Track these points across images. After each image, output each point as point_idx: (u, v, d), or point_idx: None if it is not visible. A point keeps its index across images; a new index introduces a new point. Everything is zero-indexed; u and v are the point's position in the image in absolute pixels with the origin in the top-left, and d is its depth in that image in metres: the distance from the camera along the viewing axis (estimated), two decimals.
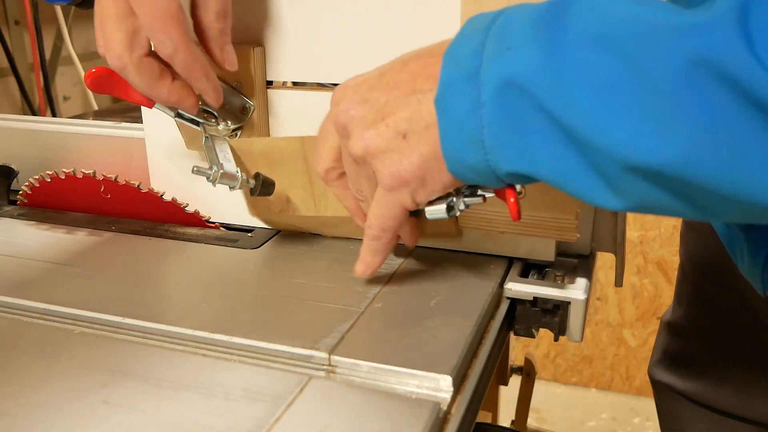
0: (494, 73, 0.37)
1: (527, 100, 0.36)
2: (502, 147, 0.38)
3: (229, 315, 0.51)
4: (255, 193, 0.58)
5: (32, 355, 0.47)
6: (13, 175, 0.76)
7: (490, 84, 0.37)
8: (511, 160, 0.39)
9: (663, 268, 1.78)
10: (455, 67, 0.39)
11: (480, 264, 0.59)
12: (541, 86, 0.36)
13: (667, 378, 0.75)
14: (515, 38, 0.37)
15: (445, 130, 0.40)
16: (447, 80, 0.39)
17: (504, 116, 0.37)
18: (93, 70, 0.53)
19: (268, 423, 0.39)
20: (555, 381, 1.98)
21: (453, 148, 0.40)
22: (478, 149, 0.39)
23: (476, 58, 0.38)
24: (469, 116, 0.38)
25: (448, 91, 0.39)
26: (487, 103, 0.38)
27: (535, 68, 0.36)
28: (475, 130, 0.39)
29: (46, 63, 1.47)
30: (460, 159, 0.40)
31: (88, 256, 0.61)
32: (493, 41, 0.38)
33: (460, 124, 0.39)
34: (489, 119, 0.38)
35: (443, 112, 0.40)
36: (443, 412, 0.41)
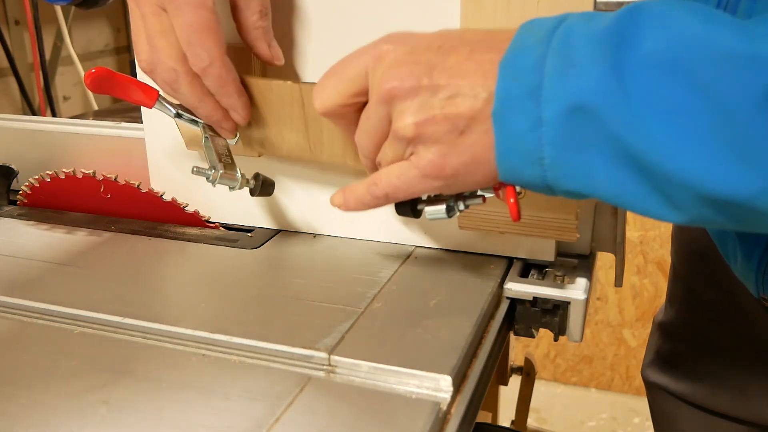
0: (558, 93, 0.36)
1: (592, 122, 0.35)
2: (563, 166, 0.38)
3: (229, 315, 0.51)
4: (255, 194, 0.58)
5: (32, 355, 0.47)
6: (13, 175, 0.76)
7: (552, 103, 0.36)
8: (570, 180, 0.38)
9: (663, 268, 1.78)
10: (514, 81, 0.38)
11: (480, 264, 0.59)
12: (607, 109, 0.35)
13: (660, 379, 0.75)
14: (579, 56, 0.36)
15: (502, 144, 0.39)
16: (506, 94, 0.38)
17: (566, 137, 0.37)
18: (93, 70, 0.53)
19: (268, 423, 0.39)
20: (555, 381, 1.98)
21: (509, 162, 0.39)
22: (536, 166, 0.38)
23: (537, 72, 0.37)
24: (529, 134, 0.37)
25: (506, 106, 0.38)
26: (549, 122, 0.37)
27: (602, 90, 0.35)
28: (535, 149, 0.38)
29: (46, 63, 1.47)
30: (515, 173, 0.39)
31: (88, 256, 0.61)
32: (555, 56, 0.36)
33: (518, 140, 0.38)
34: (550, 139, 0.37)
35: (501, 126, 0.38)
36: (443, 412, 0.41)
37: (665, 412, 0.76)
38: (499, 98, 0.38)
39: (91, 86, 0.53)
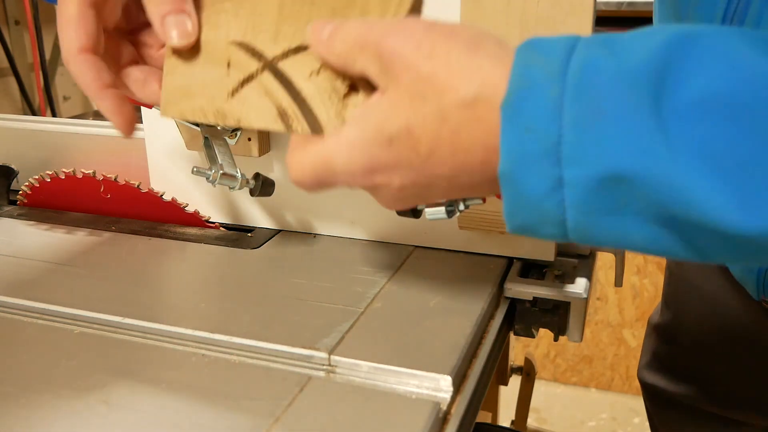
0: (586, 153, 0.30)
1: (631, 190, 0.30)
2: (591, 229, 0.32)
3: (229, 315, 0.51)
4: (255, 194, 0.58)
5: (32, 355, 0.47)
6: (13, 175, 0.76)
7: (580, 166, 0.30)
8: (599, 240, 0.33)
9: (663, 268, 1.78)
10: (527, 133, 0.31)
11: (480, 264, 0.59)
12: (648, 174, 0.29)
13: (657, 381, 0.74)
14: (609, 100, 0.29)
15: (513, 207, 0.33)
16: (517, 153, 0.31)
17: (597, 202, 0.31)
18: None
19: (268, 423, 0.39)
20: (555, 381, 1.98)
21: (522, 223, 0.34)
22: (557, 227, 0.33)
23: (554, 122, 0.30)
24: (549, 196, 0.31)
25: (519, 168, 0.31)
26: (572, 185, 0.31)
27: (646, 151, 0.28)
28: (556, 211, 0.32)
29: (46, 63, 1.47)
30: (530, 231, 0.34)
31: (88, 256, 0.61)
32: (574, 101, 0.30)
33: (536, 203, 0.32)
34: (576, 203, 0.31)
35: (512, 188, 0.32)
36: (443, 412, 0.41)
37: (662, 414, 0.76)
38: (508, 156, 0.32)
39: None
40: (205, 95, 0.44)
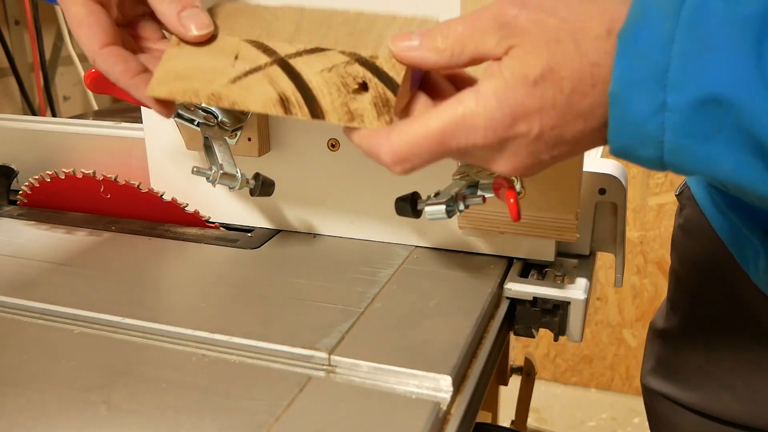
0: (688, 79, 0.33)
1: (724, 114, 0.33)
2: (685, 153, 0.35)
3: (229, 315, 0.51)
4: (255, 194, 0.58)
5: (32, 355, 0.47)
6: (13, 175, 0.76)
7: (681, 90, 0.33)
8: (690, 165, 0.36)
9: (663, 268, 1.78)
10: (637, 60, 0.34)
11: (480, 264, 0.59)
12: (744, 102, 0.32)
13: (664, 387, 0.74)
14: (717, 38, 0.32)
15: (617, 125, 0.36)
16: (627, 75, 0.35)
17: (693, 125, 0.34)
18: (93, 70, 0.53)
19: (268, 423, 0.39)
20: (555, 381, 1.98)
21: (623, 143, 0.37)
22: (654, 149, 0.36)
23: (664, 52, 0.33)
24: (651, 118, 0.35)
25: (627, 89, 0.35)
26: (674, 109, 0.34)
27: (742, 81, 0.32)
28: (656, 133, 0.35)
29: (46, 63, 1.47)
30: (628, 152, 0.37)
31: (88, 256, 0.61)
32: (686, 34, 0.33)
33: (638, 124, 0.35)
34: (674, 125, 0.34)
35: (619, 109, 0.36)
36: (443, 412, 0.41)
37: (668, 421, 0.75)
38: (619, 78, 0.35)
39: (91, 86, 0.53)
40: (202, 79, 0.44)
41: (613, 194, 0.58)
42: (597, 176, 0.58)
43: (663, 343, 0.75)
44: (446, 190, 0.49)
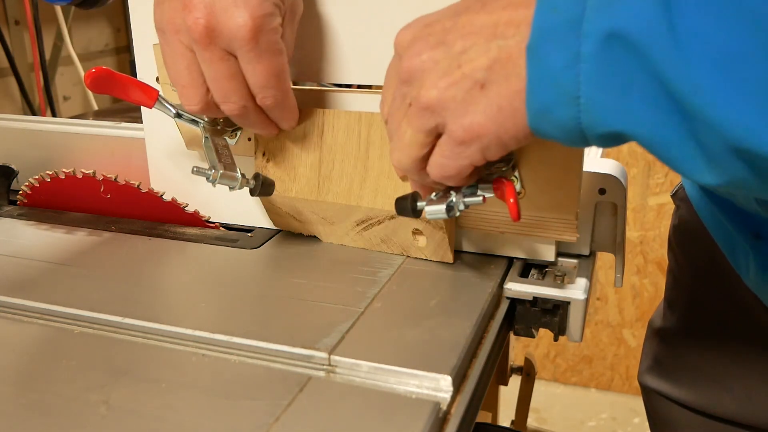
0: (601, 25, 0.33)
1: (635, 58, 0.33)
2: (600, 106, 0.35)
3: (229, 315, 0.51)
4: (255, 194, 0.58)
5: (32, 355, 0.47)
6: (13, 175, 0.76)
7: (594, 36, 0.34)
8: (607, 121, 0.35)
9: (663, 268, 1.78)
10: (553, 12, 0.35)
11: (480, 264, 0.59)
12: (653, 45, 0.32)
13: (661, 386, 0.74)
14: None
15: (535, 82, 0.36)
16: (543, 26, 0.35)
17: (606, 73, 0.34)
18: (93, 70, 0.53)
19: (268, 423, 0.39)
20: (555, 381, 1.98)
21: (541, 102, 0.37)
22: (571, 106, 0.36)
23: (579, 3, 0.34)
24: (566, 70, 0.35)
25: (543, 40, 0.35)
26: (589, 57, 0.34)
27: (647, 23, 0.32)
28: (572, 86, 0.35)
29: (46, 63, 1.47)
30: (547, 114, 0.37)
31: (88, 256, 0.61)
32: None
33: (554, 77, 0.35)
34: (589, 76, 0.34)
35: (536, 62, 0.36)
36: (443, 412, 0.41)
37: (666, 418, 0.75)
38: (536, 30, 0.36)
39: (91, 86, 0.53)
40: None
41: (613, 194, 0.58)
42: (597, 176, 0.58)
43: (660, 341, 0.75)
44: (446, 189, 0.49)
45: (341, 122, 0.58)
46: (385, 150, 0.56)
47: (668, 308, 0.75)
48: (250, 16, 0.48)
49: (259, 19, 0.48)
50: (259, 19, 0.48)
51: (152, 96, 0.55)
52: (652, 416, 0.78)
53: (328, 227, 0.62)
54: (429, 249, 0.59)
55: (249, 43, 0.49)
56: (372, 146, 0.57)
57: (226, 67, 0.50)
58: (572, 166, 0.52)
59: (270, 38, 0.50)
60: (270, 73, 0.51)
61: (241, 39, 0.48)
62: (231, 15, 0.48)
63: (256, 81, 0.51)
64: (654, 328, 0.77)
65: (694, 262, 0.71)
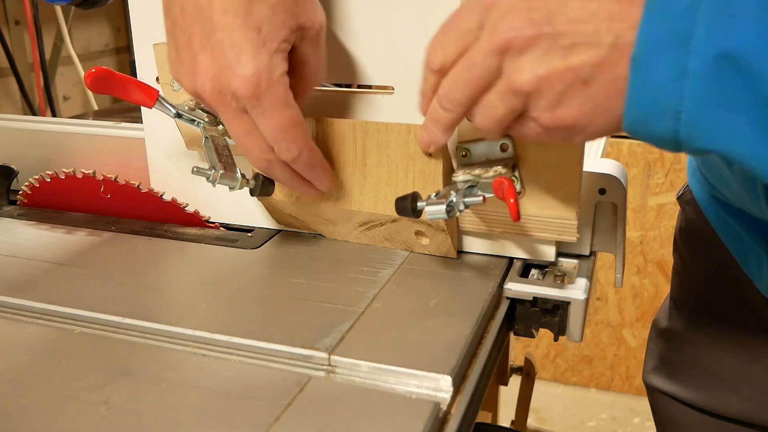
0: (712, 44, 0.33)
1: (745, 79, 0.33)
2: (702, 123, 0.35)
3: (229, 315, 0.51)
4: (255, 194, 0.58)
5: (32, 355, 0.47)
6: (13, 175, 0.76)
7: (704, 55, 0.33)
8: (705, 138, 0.35)
9: (663, 268, 1.78)
10: (662, 24, 0.34)
11: (480, 264, 0.59)
12: (763, 66, 0.32)
13: (668, 386, 0.74)
14: (742, 4, 0.33)
15: (636, 92, 0.36)
16: (651, 39, 0.35)
17: (713, 91, 0.34)
18: (93, 70, 0.53)
19: (268, 423, 0.39)
20: (555, 381, 1.98)
21: (642, 112, 0.36)
22: (671, 120, 0.35)
23: (689, 18, 0.34)
24: (671, 85, 0.35)
25: (650, 52, 0.35)
26: (696, 75, 0.34)
27: (761, 44, 0.32)
28: (675, 101, 0.35)
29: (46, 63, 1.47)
30: (644, 124, 0.37)
31: (88, 256, 0.61)
32: (711, 2, 0.33)
33: (657, 90, 0.35)
34: (694, 92, 0.34)
35: (640, 73, 0.36)
36: (443, 412, 0.41)
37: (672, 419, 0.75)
38: (643, 42, 0.35)
39: (91, 86, 0.53)
40: None
41: (613, 194, 0.58)
42: (597, 176, 0.58)
43: (666, 342, 0.75)
44: (446, 190, 0.49)
45: (334, 130, 0.58)
46: (383, 158, 0.56)
47: (675, 309, 0.75)
48: (248, 74, 0.46)
49: (255, 76, 0.46)
50: (255, 76, 0.46)
51: (152, 96, 0.55)
52: (658, 416, 0.78)
53: (331, 226, 0.62)
54: (432, 247, 0.59)
55: (251, 101, 0.47)
56: (368, 155, 0.57)
57: (241, 123, 0.49)
58: (572, 167, 0.52)
59: (274, 91, 0.47)
60: (279, 128, 0.49)
61: (242, 98, 0.47)
62: (231, 74, 0.46)
63: (267, 136, 0.49)
64: (659, 329, 0.76)
65: (702, 264, 0.71)
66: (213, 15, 0.46)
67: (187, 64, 0.48)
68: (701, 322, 0.71)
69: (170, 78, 0.60)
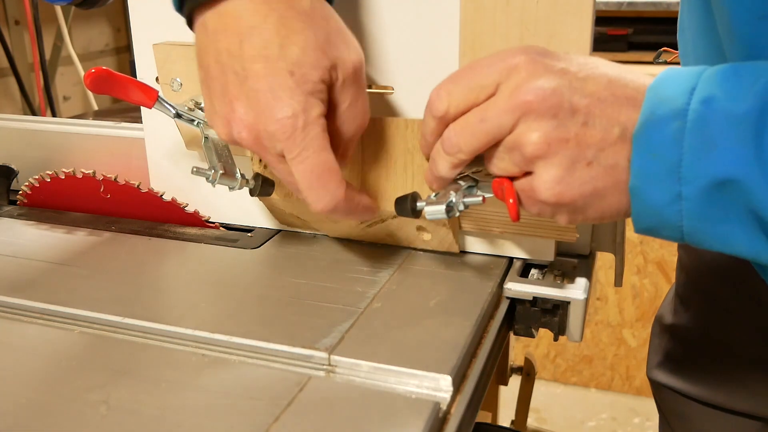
0: (701, 173, 0.37)
1: (733, 198, 0.37)
2: (702, 235, 0.40)
3: (229, 315, 0.51)
4: (254, 194, 0.58)
5: (32, 356, 0.47)
6: (13, 175, 0.76)
7: (695, 183, 0.38)
8: (708, 243, 0.40)
9: (663, 268, 1.78)
10: (652, 157, 0.38)
11: (480, 264, 0.59)
12: (748, 185, 0.36)
13: (674, 381, 0.74)
14: (721, 137, 0.37)
15: (639, 212, 0.41)
16: (643, 171, 0.39)
17: (707, 211, 0.38)
18: (93, 70, 0.53)
19: (268, 423, 0.39)
20: (555, 381, 1.98)
21: (647, 226, 0.41)
22: (674, 232, 0.40)
23: (675, 149, 0.38)
24: (669, 207, 0.39)
25: (645, 183, 0.39)
26: (689, 198, 0.38)
27: (744, 168, 0.36)
28: (674, 219, 0.39)
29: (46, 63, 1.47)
30: (651, 233, 0.42)
31: (88, 256, 0.61)
32: (693, 135, 0.37)
33: (657, 212, 0.40)
34: (691, 212, 0.39)
35: (639, 200, 0.40)
36: (443, 412, 0.41)
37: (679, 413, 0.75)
38: (637, 174, 0.39)
39: (91, 86, 0.53)
40: None
41: None
42: None
43: (672, 338, 0.75)
44: (446, 190, 0.49)
45: None
46: (381, 154, 0.56)
47: (681, 304, 0.75)
48: (284, 116, 0.44)
49: (291, 119, 0.44)
50: (291, 119, 0.44)
51: (152, 96, 0.55)
52: (664, 412, 0.78)
53: (332, 224, 0.62)
54: (434, 242, 0.59)
55: (287, 143, 0.45)
56: (367, 150, 0.57)
57: (284, 168, 0.47)
58: None
59: (309, 133, 0.45)
60: (312, 173, 0.46)
61: (277, 142, 0.45)
62: (267, 118, 0.45)
63: (300, 183, 0.46)
64: (664, 324, 0.76)
65: (711, 261, 0.71)
66: (245, 62, 0.45)
67: (221, 112, 0.47)
68: (709, 318, 0.71)
69: (170, 78, 0.60)
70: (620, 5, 1.79)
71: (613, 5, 1.80)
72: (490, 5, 0.52)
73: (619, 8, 1.80)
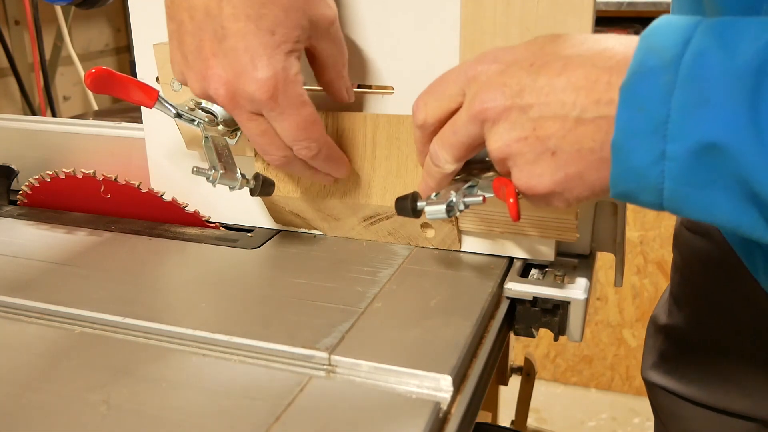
0: (687, 130, 0.35)
1: (722, 162, 0.35)
2: (684, 200, 0.37)
3: (229, 315, 0.51)
4: (255, 194, 0.58)
5: (32, 355, 0.47)
6: (13, 175, 0.76)
7: (681, 141, 0.35)
8: (688, 210, 0.38)
9: (663, 268, 1.78)
10: (639, 112, 0.36)
11: (480, 264, 0.59)
12: (740, 151, 0.34)
13: (668, 382, 0.74)
14: (714, 90, 0.34)
15: (620, 173, 0.38)
16: (628, 128, 0.37)
17: (691, 173, 0.36)
18: (93, 70, 0.53)
19: (268, 423, 0.39)
20: (555, 381, 1.98)
21: (625, 189, 0.39)
22: (654, 195, 0.38)
23: (664, 104, 0.35)
24: (651, 167, 0.37)
25: (629, 140, 0.37)
26: (673, 158, 0.36)
27: (736, 130, 0.34)
28: (656, 181, 0.37)
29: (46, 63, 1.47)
30: (629, 197, 0.39)
31: (88, 256, 0.61)
32: (685, 88, 0.35)
33: (638, 173, 0.37)
34: (674, 174, 0.36)
35: (620, 158, 0.38)
36: (443, 412, 0.41)
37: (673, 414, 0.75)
38: (621, 129, 0.37)
39: (91, 86, 0.53)
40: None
41: None
42: None
43: (666, 338, 0.75)
44: (446, 189, 0.49)
45: (345, 123, 0.58)
46: (393, 150, 0.57)
47: (675, 305, 0.75)
48: (265, 77, 0.47)
49: (271, 79, 0.47)
50: (271, 79, 0.47)
51: (152, 96, 0.55)
52: (659, 413, 0.78)
53: (333, 222, 0.62)
54: (437, 239, 0.59)
55: (268, 104, 0.48)
56: (378, 146, 0.57)
57: (256, 125, 0.50)
58: None
59: (290, 92, 0.48)
60: (298, 127, 0.50)
61: (259, 102, 0.48)
62: (247, 78, 0.47)
63: (286, 136, 0.50)
64: (659, 325, 0.76)
65: (704, 260, 0.71)
66: (224, 21, 0.46)
67: (196, 68, 0.48)
68: (703, 318, 0.71)
69: (170, 78, 0.60)
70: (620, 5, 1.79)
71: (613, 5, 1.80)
72: (490, 5, 0.52)
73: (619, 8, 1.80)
